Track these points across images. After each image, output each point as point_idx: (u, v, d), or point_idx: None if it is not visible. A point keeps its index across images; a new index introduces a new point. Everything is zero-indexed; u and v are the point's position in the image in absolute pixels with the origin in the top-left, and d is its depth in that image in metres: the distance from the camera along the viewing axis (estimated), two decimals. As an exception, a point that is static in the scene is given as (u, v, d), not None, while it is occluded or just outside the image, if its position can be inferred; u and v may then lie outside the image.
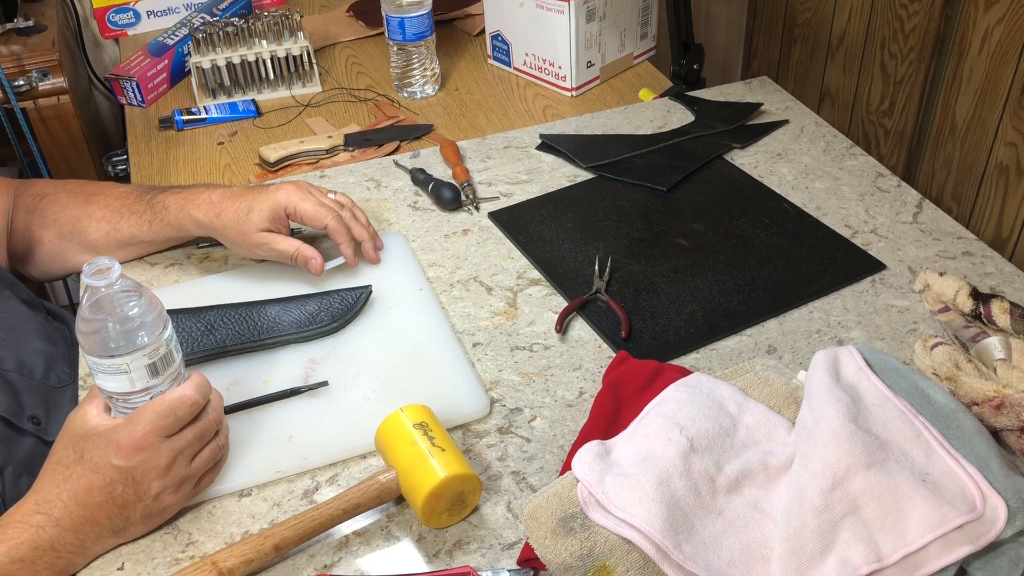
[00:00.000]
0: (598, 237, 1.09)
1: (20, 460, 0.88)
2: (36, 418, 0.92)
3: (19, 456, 0.88)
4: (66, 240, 1.04)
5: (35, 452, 0.90)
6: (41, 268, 1.07)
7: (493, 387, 0.91)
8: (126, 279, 0.71)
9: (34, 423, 0.91)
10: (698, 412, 0.78)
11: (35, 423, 0.91)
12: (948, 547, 0.68)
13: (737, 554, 0.70)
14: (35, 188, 1.06)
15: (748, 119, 1.30)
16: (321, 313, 0.95)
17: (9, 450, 0.87)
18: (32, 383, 0.93)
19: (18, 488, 0.85)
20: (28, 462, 0.88)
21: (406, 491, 0.76)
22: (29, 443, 0.90)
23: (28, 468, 0.88)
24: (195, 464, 0.77)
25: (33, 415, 0.91)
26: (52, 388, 0.95)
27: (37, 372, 0.95)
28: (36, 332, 0.98)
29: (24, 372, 0.93)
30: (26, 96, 1.51)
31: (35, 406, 0.92)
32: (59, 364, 0.97)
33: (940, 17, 1.15)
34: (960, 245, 1.06)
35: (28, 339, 0.96)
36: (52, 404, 0.94)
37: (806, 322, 0.96)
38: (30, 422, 0.91)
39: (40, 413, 0.92)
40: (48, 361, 0.96)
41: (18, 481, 0.86)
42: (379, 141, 1.34)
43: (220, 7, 1.64)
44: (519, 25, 1.45)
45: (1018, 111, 1.06)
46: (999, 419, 0.78)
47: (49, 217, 1.03)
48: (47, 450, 0.91)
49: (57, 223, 1.03)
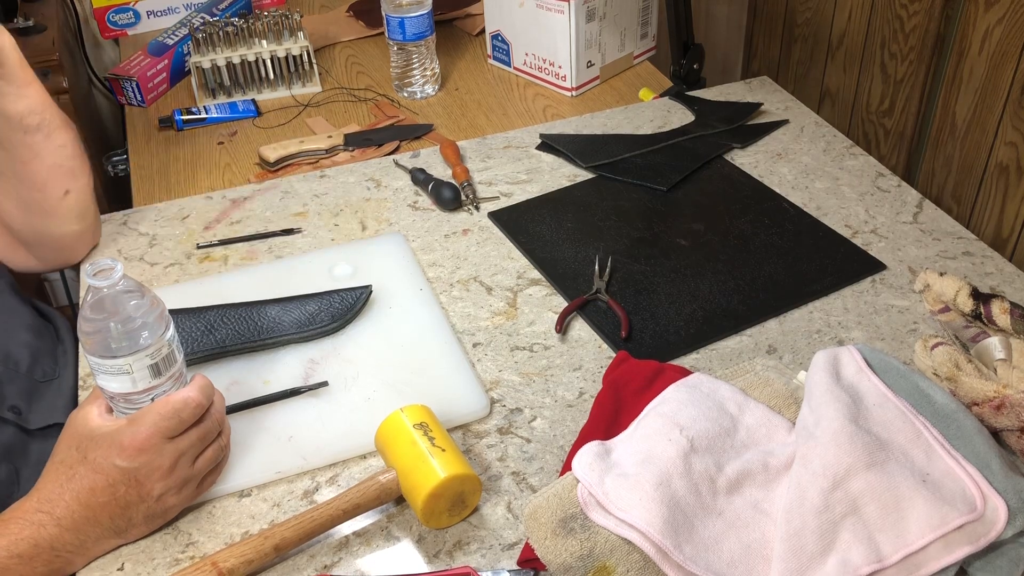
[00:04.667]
0: (598, 237, 1.09)
1: (0, 447, 0.88)
2: (16, 408, 0.92)
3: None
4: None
5: (15, 440, 0.90)
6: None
7: (493, 387, 0.91)
8: (128, 279, 0.71)
9: (14, 412, 0.91)
10: (698, 412, 0.78)
11: (15, 412, 0.91)
12: (948, 547, 0.68)
13: (737, 554, 0.70)
14: None
15: (748, 119, 1.30)
16: (321, 313, 0.95)
17: None
18: (16, 375, 0.93)
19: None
20: (7, 450, 0.89)
21: (406, 491, 0.76)
22: (8, 431, 0.90)
23: (7, 455, 0.89)
24: (198, 465, 0.77)
25: (13, 405, 0.91)
26: (36, 382, 0.95)
27: (23, 365, 0.94)
28: (24, 326, 0.98)
29: (9, 364, 0.93)
30: (26, 96, 1.51)
31: (16, 397, 0.92)
32: (45, 359, 0.97)
33: (940, 17, 1.15)
34: (960, 245, 1.06)
35: (16, 332, 0.96)
36: (35, 396, 0.94)
37: (806, 322, 0.96)
38: (10, 411, 0.91)
39: (21, 404, 0.92)
40: (34, 355, 0.96)
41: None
42: (379, 141, 1.34)
43: (220, 7, 1.64)
44: (519, 25, 1.45)
45: (1018, 111, 1.06)
46: (999, 419, 0.78)
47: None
48: (27, 439, 0.91)
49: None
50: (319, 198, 1.19)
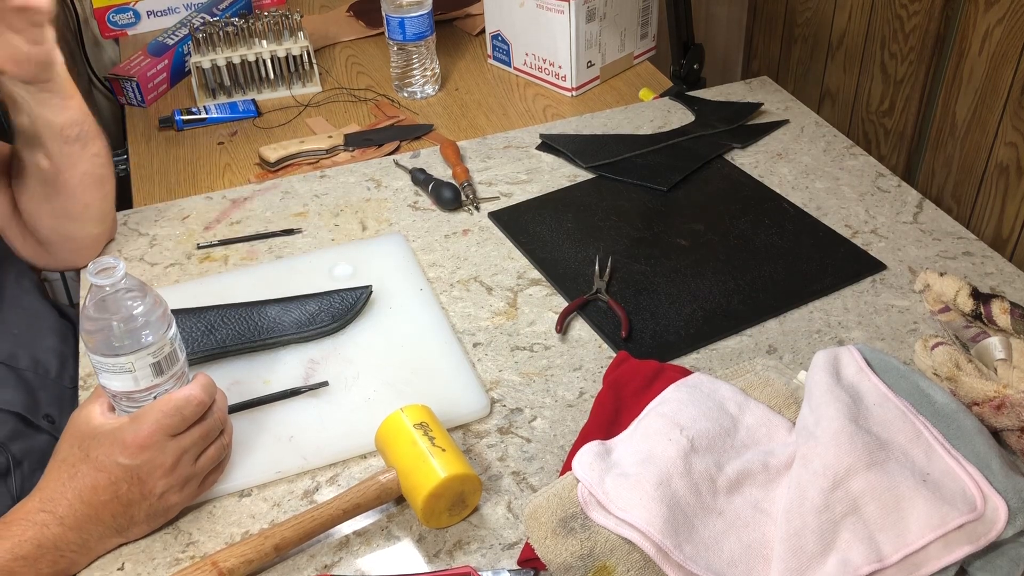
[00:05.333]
0: (598, 237, 1.09)
1: (36, 456, 0.89)
2: (50, 416, 0.93)
3: (35, 452, 0.89)
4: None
5: (49, 449, 0.90)
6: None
7: (493, 387, 0.91)
8: (131, 278, 0.71)
9: (48, 421, 0.92)
10: (699, 412, 0.78)
11: (49, 421, 0.92)
12: (948, 547, 0.68)
13: (738, 554, 0.70)
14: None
15: (748, 119, 1.30)
16: (321, 313, 0.96)
17: (27, 445, 0.88)
18: (48, 382, 0.94)
19: (34, 482, 0.86)
20: (43, 459, 0.89)
21: (406, 491, 0.76)
22: (44, 440, 0.91)
23: (43, 464, 0.89)
24: (200, 463, 0.77)
25: (48, 413, 0.92)
26: (65, 388, 0.96)
27: (52, 371, 0.95)
28: (52, 329, 0.99)
29: (39, 371, 0.94)
30: (26, 96, 1.51)
31: (50, 404, 0.93)
32: (70, 363, 0.98)
33: (940, 17, 1.15)
34: (960, 245, 1.06)
35: (44, 336, 0.97)
36: (65, 403, 0.95)
37: (806, 322, 0.96)
38: (45, 420, 0.92)
39: (54, 412, 0.93)
40: (62, 360, 0.97)
41: (34, 476, 0.87)
42: (379, 141, 1.34)
43: (220, 7, 1.64)
44: (519, 25, 1.45)
45: (1018, 111, 1.06)
46: (999, 419, 0.78)
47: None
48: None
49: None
50: (319, 198, 1.19)
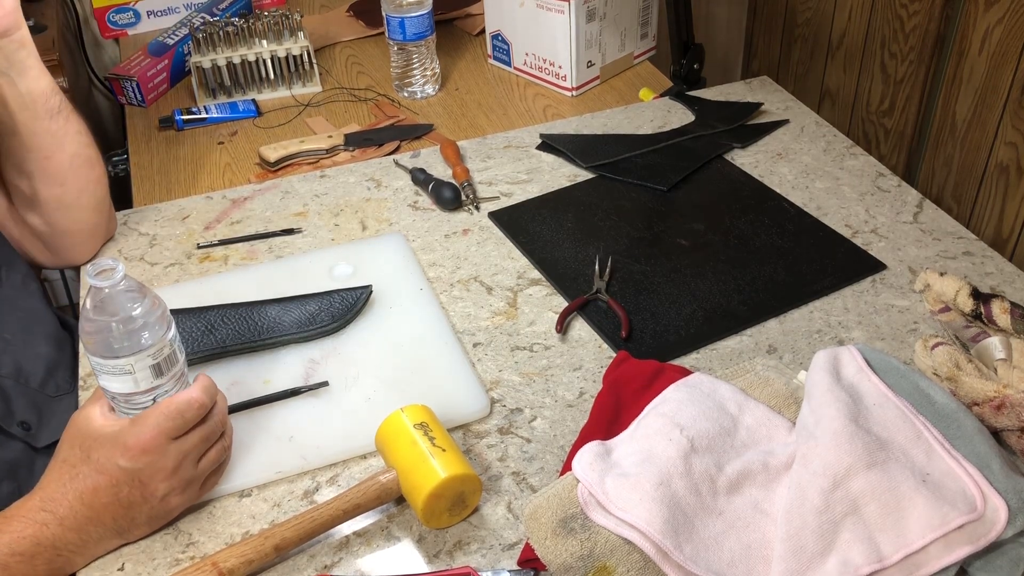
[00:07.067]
0: (598, 237, 1.09)
1: (4, 464, 0.88)
2: (26, 423, 0.91)
3: (4, 460, 0.88)
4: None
5: (22, 457, 0.89)
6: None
7: (493, 387, 0.91)
8: (130, 279, 0.71)
9: (23, 428, 0.91)
10: (699, 412, 0.78)
11: (24, 428, 0.91)
12: (949, 547, 0.68)
13: (738, 554, 0.70)
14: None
15: (748, 119, 1.30)
16: (321, 313, 0.96)
17: None
18: (27, 390, 0.93)
19: (3, 491, 0.86)
20: (12, 467, 0.88)
21: (406, 491, 0.76)
22: (16, 447, 0.90)
23: (12, 473, 0.88)
24: (201, 465, 0.77)
25: (23, 420, 0.91)
26: (48, 397, 0.95)
27: (35, 380, 0.94)
28: (46, 335, 0.98)
29: (20, 379, 0.93)
30: (26, 96, 1.51)
31: (26, 412, 0.92)
32: (60, 372, 0.97)
33: (940, 17, 1.15)
34: (960, 245, 1.06)
35: (36, 342, 0.96)
36: (45, 412, 0.94)
37: (806, 322, 0.96)
38: (19, 427, 0.90)
39: (31, 419, 0.92)
40: (49, 368, 0.96)
41: (1, 484, 0.86)
42: (379, 141, 1.34)
43: (220, 7, 1.64)
44: (519, 25, 1.45)
45: (1018, 111, 1.06)
46: (1000, 419, 0.78)
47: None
48: (34, 456, 0.91)
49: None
50: (319, 198, 1.19)
